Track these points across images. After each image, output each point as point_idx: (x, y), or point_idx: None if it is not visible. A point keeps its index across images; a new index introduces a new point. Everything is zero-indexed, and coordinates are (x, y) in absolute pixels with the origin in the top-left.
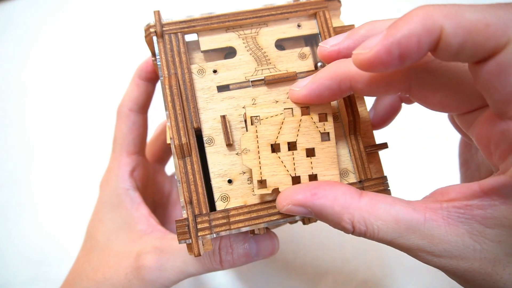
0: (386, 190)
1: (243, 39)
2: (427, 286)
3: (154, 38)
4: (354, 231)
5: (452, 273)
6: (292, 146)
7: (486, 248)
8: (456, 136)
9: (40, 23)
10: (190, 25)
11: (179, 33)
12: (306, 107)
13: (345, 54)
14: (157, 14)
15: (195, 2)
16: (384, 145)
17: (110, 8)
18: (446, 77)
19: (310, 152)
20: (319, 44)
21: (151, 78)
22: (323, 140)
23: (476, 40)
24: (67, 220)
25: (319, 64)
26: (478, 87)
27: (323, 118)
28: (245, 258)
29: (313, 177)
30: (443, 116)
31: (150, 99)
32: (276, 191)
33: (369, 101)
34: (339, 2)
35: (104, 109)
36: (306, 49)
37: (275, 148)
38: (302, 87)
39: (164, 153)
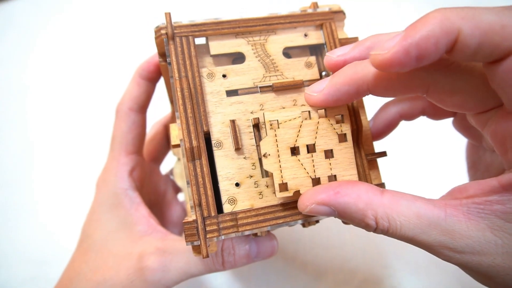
0: None
1: (252, 46)
2: (427, 285)
3: (165, 40)
4: (377, 228)
5: (475, 271)
6: (310, 148)
7: (507, 242)
8: (460, 141)
9: (40, 23)
10: (201, 29)
11: (190, 36)
12: (323, 109)
13: None
14: (168, 16)
15: (196, 4)
16: (383, 153)
17: (110, 8)
18: (463, 80)
19: (329, 154)
20: (326, 53)
21: (152, 78)
22: (340, 141)
23: (492, 40)
24: (67, 220)
25: (323, 73)
26: (494, 86)
27: (339, 119)
28: (246, 259)
29: (332, 178)
30: (446, 122)
31: (150, 98)
32: (297, 194)
33: (369, 112)
34: (344, 14)
35: (104, 108)
36: (312, 58)
37: (294, 151)
38: (320, 92)
39: (159, 153)
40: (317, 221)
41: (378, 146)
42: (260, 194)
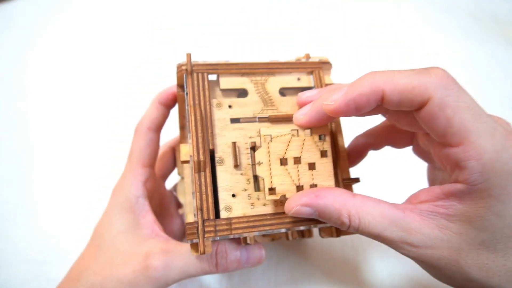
0: None
1: (254, 84)
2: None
3: (185, 75)
4: (350, 225)
5: (428, 263)
6: (296, 160)
7: (451, 239)
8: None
9: (40, 23)
10: (214, 68)
11: (205, 73)
12: (309, 130)
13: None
14: (189, 56)
15: (196, 5)
16: (356, 180)
17: (110, 8)
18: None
19: (312, 166)
20: (298, 93)
21: (169, 104)
22: (322, 156)
23: (407, 97)
24: (67, 220)
25: None
26: (422, 126)
27: (322, 138)
28: (237, 263)
29: (313, 186)
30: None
31: (165, 121)
32: (283, 198)
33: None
34: (331, 64)
35: (104, 109)
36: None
37: (283, 162)
38: (304, 115)
39: (166, 170)
40: (301, 235)
41: (353, 170)
42: (252, 205)
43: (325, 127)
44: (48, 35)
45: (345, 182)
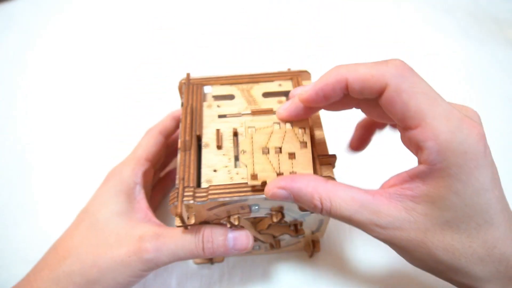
0: None
1: (240, 90)
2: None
3: (184, 86)
4: (322, 208)
5: (397, 245)
6: (277, 150)
7: (417, 219)
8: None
9: (40, 24)
10: (207, 80)
11: (199, 85)
12: (290, 123)
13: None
14: (188, 75)
15: (197, 4)
16: (333, 156)
17: (110, 8)
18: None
19: (292, 156)
20: (291, 91)
21: (179, 120)
22: (302, 147)
23: (368, 85)
24: (67, 220)
25: None
26: (386, 113)
27: (303, 131)
28: (223, 248)
29: (293, 174)
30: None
31: (174, 132)
32: (264, 183)
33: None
34: (308, 73)
35: (104, 109)
36: (283, 98)
37: (264, 151)
38: (284, 109)
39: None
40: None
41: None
42: (231, 179)
43: (305, 121)
44: (48, 35)
45: (320, 157)
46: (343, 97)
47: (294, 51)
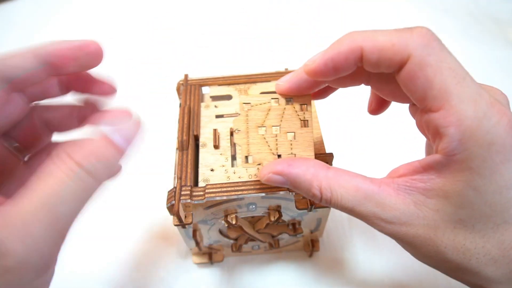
0: None
1: (238, 91)
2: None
3: (182, 87)
4: (321, 197)
5: (404, 241)
6: (275, 129)
7: (427, 215)
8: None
9: (40, 24)
10: (205, 81)
11: (197, 85)
12: (290, 98)
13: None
14: (186, 76)
15: (197, 3)
16: (330, 154)
17: (110, 8)
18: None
19: (291, 136)
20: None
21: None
22: (302, 126)
23: (386, 55)
24: None
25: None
26: (403, 90)
27: (304, 108)
28: (108, 151)
29: (292, 156)
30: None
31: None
32: (258, 166)
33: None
34: None
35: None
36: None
37: (262, 129)
38: (285, 81)
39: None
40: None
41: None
42: (228, 178)
43: (307, 97)
44: (48, 34)
45: (317, 156)
46: (354, 70)
47: (294, 51)
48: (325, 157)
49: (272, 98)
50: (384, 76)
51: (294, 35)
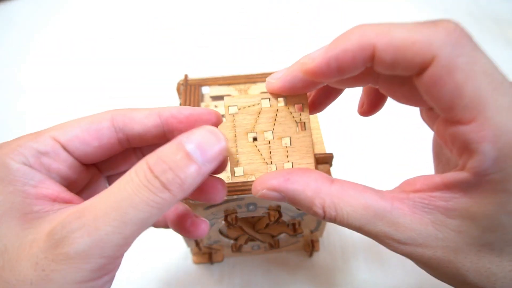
0: None
1: (238, 91)
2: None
3: (182, 87)
4: (325, 216)
5: (418, 260)
6: (268, 135)
7: (448, 237)
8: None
9: (40, 23)
10: (205, 81)
11: (197, 85)
12: (283, 98)
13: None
14: (186, 76)
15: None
16: (329, 154)
17: (110, 8)
18: (404, 80)
19: (286, 142)
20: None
21: None
22: (299, 130)
23: (405, 56)
24: None
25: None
26: (423, 96)
27: (300, 108)
28: (190, 169)
29: (288, 165)
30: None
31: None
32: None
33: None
34: None
35: (102, 109)
36: (280, 98)
37: (252, 137)
38: (277, 79)
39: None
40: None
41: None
42: (227, 178)
43: (303, 96)
44: (47, 34)
45: (317, 155)
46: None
47: (294, 51)
48: (325, 157)
49: (262, 99)
50: (398, 77)
51: (294, 35)
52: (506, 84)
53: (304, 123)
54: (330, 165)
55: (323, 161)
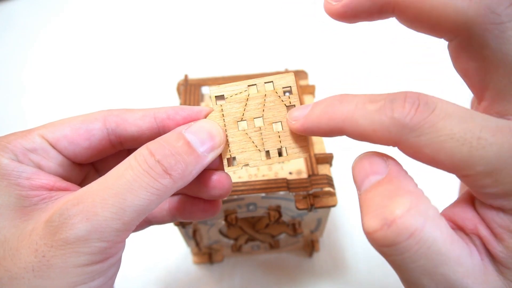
0: (329, 185)
1: None
2: None
3: (181, 87)
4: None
5: None
6: (258, 121)
7: None
8: None
9: (40, 23)
10: (205, 81)
11: (197, 85)
12: (269, 82)
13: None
14: (186, 76)
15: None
16: (329, 155)
17: (110, 8)
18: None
19: (278, 126)
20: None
21: None
22: None
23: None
24: None
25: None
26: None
27: (288, 91)
28: (190, 156)
29: (280, 150)
30: None
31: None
32: (246, 166)
33: None
34: (305, 72)
35: (102, 109)
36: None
37: (242, 124)
38: (299, 120)
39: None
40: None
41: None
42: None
43: (290, 76)
44: (47, 34)
45: (317, 156)
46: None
47: (293, 51)
48: (325, 157)
49: (249, 85)
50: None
51: (294, 35)
52: None
53: (294, 105)
54: (330, 165)
55: (323, 161)
